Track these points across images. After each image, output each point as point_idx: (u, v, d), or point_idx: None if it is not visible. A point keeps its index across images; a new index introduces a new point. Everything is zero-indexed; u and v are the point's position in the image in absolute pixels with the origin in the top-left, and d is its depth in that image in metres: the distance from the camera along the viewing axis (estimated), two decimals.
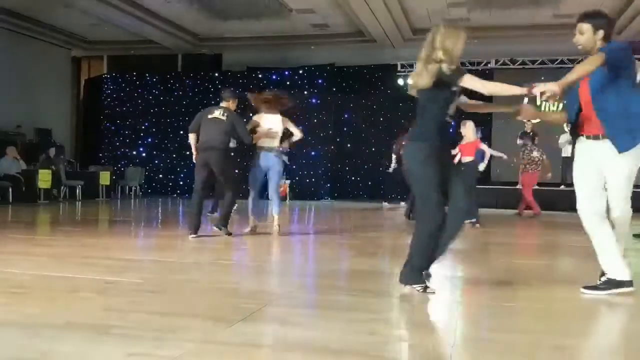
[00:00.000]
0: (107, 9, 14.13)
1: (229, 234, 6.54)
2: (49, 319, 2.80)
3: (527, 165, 11.28)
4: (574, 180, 3.66)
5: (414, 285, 3.51)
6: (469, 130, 8.54)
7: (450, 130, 3.96)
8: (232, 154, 7.80)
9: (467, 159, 8.51)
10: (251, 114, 7.47)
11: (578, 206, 3.58)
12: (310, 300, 3.47)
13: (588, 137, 3.58)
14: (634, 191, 3.56)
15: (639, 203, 4.55)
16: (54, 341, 2.43)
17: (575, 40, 3.60)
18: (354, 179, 17.31)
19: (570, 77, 3.34)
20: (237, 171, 7.47)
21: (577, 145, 3.69)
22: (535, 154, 11.30)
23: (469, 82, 3.54)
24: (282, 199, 16.17)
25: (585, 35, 3.53)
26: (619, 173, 3.48)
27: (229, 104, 6.75)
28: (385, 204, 13.63)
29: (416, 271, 3.53)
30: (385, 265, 5.08)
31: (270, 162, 6.88)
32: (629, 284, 3.50)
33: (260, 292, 3.59)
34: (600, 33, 3.52)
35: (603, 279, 3.61)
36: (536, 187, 11.49)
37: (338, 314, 3.02)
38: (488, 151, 9.05)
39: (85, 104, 19.39)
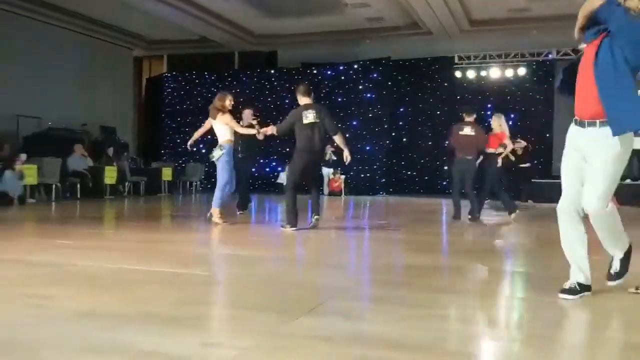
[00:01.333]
0: (165, 9, 14.52)
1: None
2: (123, 309, 2.94)
3: None
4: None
5: None
6: (494, 122, 8.82)
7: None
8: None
9: (489, 150, 8.64)
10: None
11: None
12: (371, 294, 3.50)
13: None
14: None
15: None
16: (130, 331, 2.55)
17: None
18: (409, 173, 17.21)
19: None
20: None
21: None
22: None
23: None
24: (337, 193, 16.28)
25: None
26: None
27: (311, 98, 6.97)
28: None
29: None
30: (445, 261, 5.05)
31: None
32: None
33: (321, 286, 3.65)
34: None
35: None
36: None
37: (399, 309, 3.05)
38: (510, 146, 9.10)
39: (146, 103, 20.03)
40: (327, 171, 16.65)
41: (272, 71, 18.12)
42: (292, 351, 2.32)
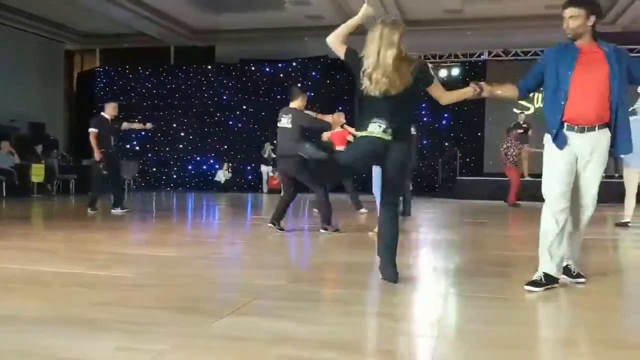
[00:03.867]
0: (101, 2, 14.07)
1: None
2: (39, 313, 2.82)
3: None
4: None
5: None
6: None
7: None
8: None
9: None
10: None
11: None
12: (300, 293, 3.48)
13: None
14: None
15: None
16: (43, 335, 2.45)
17: (565, 26, 3.46)
18: None
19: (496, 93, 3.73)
20: None
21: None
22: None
23: (435, 88, 3.65)
24: (277, 191, 16.21)
25: (577, 20, 3.40)
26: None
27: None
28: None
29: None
30: (375, 257, 5.09)
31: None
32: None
33: (250, 285, 3.61)
34: (593, 19, 3.40)
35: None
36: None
37: (327, 307, 3.05)
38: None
39: (78, 98, 19.37)
40: (266, 169, 16.58)
41: (210, 67, 17.88)
42: (210, 352, 2.27)
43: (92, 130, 8.64)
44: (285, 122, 6.58)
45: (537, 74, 3.66)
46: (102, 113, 8.89)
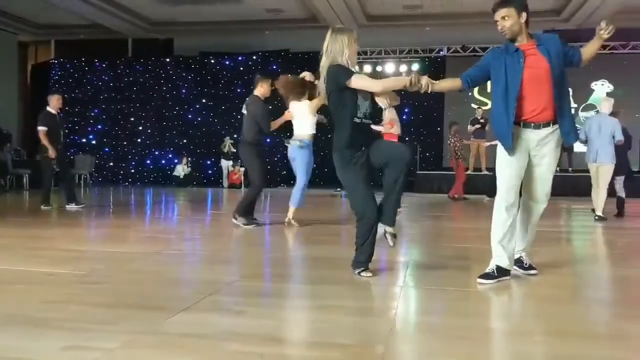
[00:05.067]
0: None
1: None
2: None
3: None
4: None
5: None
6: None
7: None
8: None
9: None
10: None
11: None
12: (256, 288, 3.47)
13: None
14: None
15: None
16: None
17: (500, 28, 3.54)
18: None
19: (435, 88, 3.73)
20: None
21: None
22: None
23: (357, 82, 3.70)
24: (238, 186, 16.08)
25: (510, 19, 3.49)
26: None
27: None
28: None
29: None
30: (333, 251, 5.11)
31: (294, 154, 6.80)
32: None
33: (206, 281, 3.57)
34: (524, 15, 3.49)
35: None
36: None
37: (282, 302, 3.04)
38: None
39: (32, 91, 18.80)
40: (226, 164, 16.43)
41: (168, 59, 17.60)
42: (162, 350, 2.23)
43: (41, 128, 8.31)
44: (243, 108, 6.69)
45: (482, 67, 3.70)
46: (48, 108, 8.54)
